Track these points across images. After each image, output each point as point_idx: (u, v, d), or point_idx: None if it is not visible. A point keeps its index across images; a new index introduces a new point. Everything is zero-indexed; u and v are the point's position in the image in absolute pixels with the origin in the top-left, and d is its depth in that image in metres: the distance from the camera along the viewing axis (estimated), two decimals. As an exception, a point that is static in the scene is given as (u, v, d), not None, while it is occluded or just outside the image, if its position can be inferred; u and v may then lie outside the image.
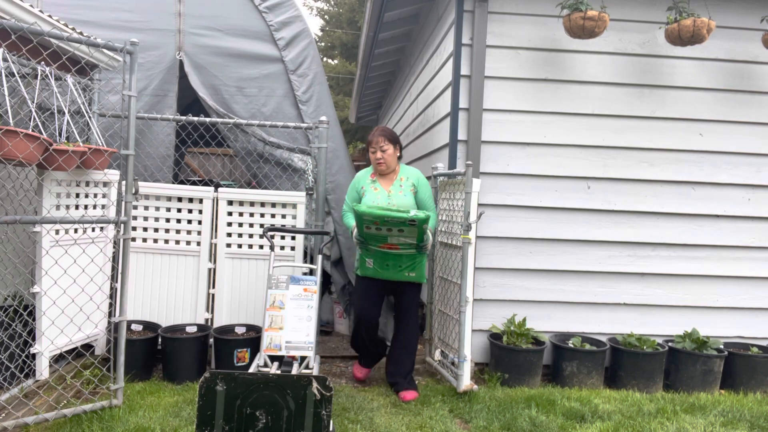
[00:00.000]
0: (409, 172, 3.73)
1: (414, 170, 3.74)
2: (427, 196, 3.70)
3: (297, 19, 4.72)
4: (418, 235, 3.33)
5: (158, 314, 4.11)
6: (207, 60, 4.63)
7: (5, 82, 2.83)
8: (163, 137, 4.65)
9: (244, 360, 3.74)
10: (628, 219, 4.20)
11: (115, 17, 4.52)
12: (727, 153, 4.22)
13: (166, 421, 3.04)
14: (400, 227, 3.29)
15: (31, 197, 3.56)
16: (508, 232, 4.15)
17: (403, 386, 3.63)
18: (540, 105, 4.11)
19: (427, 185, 3.72)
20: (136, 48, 3.06)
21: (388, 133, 3.66)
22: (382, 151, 3.62)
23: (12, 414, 2.93)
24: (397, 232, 3.33)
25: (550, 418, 3.33)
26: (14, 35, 2.69)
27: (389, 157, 3.64)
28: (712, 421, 3.38)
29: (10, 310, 3.45)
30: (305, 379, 2.26)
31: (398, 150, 3.70)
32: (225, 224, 4.14)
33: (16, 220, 2.70)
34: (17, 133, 2.65)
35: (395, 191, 3.65)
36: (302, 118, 4.68)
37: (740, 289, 4.28)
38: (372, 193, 3.66)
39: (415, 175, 3.72)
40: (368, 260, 3.64)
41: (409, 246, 3.43)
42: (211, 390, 2.25)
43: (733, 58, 4.19)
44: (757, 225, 4.26)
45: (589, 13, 3.64)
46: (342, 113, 15.17)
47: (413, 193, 3.67)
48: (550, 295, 4.20)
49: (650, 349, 3.95)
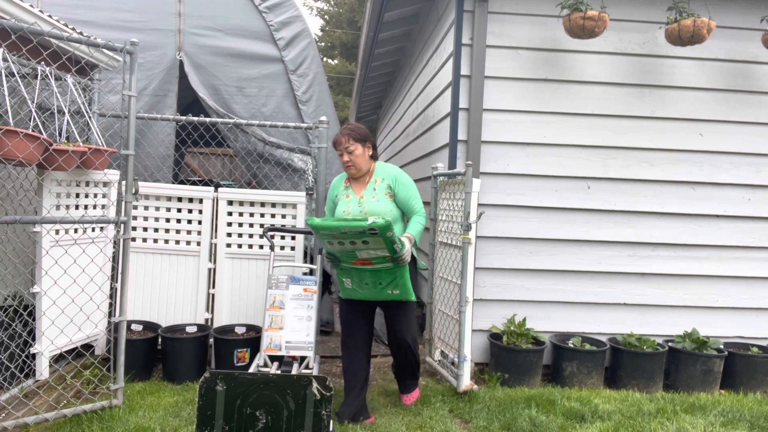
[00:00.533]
0: (385, 171, 3.28)
1: (391, 168, 3.30)
2: (410, 196, 3.25)
3: (297, 19, 4.73)
4: (386, 245, 2.87)
5: (158, 314, 4.11)
6: (207, 60, 4.63)
7: (5, 82, 2.83)
8: (163, 137, 4.65)
9: (244, 360, 3.74)
10: (628, 219, 4.20)
11: (115, 17, 4.53)
12: (727, 153, 4.22)
13: (166, 421, 3.04)
14: (362, 238, 2.85)
15: (31, 197, 3.56)
16: (508, 232, 4.14)
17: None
18: (540, 105, 4.11)
19: (407, 184, 3.27)
20: (136, 48, 3.06)
21: (354, 131, 3.21)
22: (348, 152, 3.19)
23: (12, 414, 2.93)
24: (362, 245, 2.89)
25: (550, 418, 3.33)
26: (14, 35, 2.69)
27: (358, 158, 3.20)
28: (712, 421, 3.38)
29: (10, 310, 3.45)
30: (305, 379, 2.26)
31: (370, 148, 3.26)
32: (225, 224, 4.14)
33: (16, 220, 2.70)
34: (17, 133, 2.65)
35: (368, 196, 3.23)
36: (302, 118, 4.68)
37: (740, 289, 4.28)
38: (344, 201, 3.27)
39: (392, 174, 3.26)
40: (345, 280, 3.18)
41: (384, 259, 2.96)
42: (211, 390, 2.25)
43: (733, 58, 4.19)
44: (757, 225, 4.26)
45: (589, 13, 3.64)
46: (342, 113, 15.18)
47: (389, 196, 3.23)
48: (550, 295, 4.20)
49: (650, 349, 3.95)
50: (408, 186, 3.26)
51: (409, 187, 3.26)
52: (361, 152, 3.21)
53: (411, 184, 3.29)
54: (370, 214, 3.13)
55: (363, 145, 3.22)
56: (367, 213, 3.16)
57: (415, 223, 3.24)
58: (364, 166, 3.25)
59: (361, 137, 3.21)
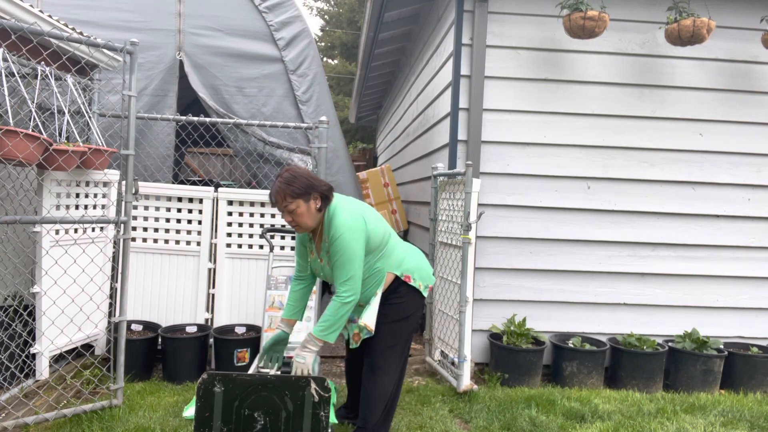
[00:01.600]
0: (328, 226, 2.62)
1: (334, 221, 2.58)
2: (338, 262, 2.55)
3: (297, 19, 4.73)
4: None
5: (158, 314, 4.11)
6: (207, 60, 4.63)
7: (5, 82, 2.83)
8: (163, 137, 4.65)
9: (244, 360, 3.74)
10: (628, 219, 4.20)
11: (115, 17, 4.53)
12: (727, 153, 4.22)
13: (166, 421, 3.04)
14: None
15: (31, 197, 3.56)
16: (508, 232, 4.14)
17: None
18: (540, 105, 4.11)
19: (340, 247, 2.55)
20: (136, 48, 3.06)
21: (291, 185, 2.53)
22: (288, 212, 2.56)
23: (12, 414, 2.93)
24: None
25: (550, 418, 3.33)
26: (14, 35, 2.69)
27: (302, 217, 2.56)
28: (712, 421, 3.38)
29: (10, 310, 3.45)
30: (303, 380, 2.26)
31: (317, 199, 2.58)
32: (225, 224, 4.14)
33: (16, 220, 2.70)
34: (17, 133, 2.65)
35: (325, 257, 2.69)
36: (302, 118, 4.68)
37: (740, 289, 4.28)
38: (313, 258, 2.79)
39: (331, 236, 2.59)
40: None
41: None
42: (209, 391, 2.25)
43: (733, 58, 4.18)
44: (757, 225, 4.26)
45: (589, 13, 3.64)
46: (342, 113, 15.17)
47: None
48: (550, 295, 4.20)
49: (650, 349, 3.95)
50: (339, 250, 2.55)
51: (340, 251, 2.55)
52: (304, 209, 2.55)
53: (346, 245, 2.54)
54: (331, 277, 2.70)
55: (306, 200, 2.55)
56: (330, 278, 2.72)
57: (332, 305, 2.55)
58: (311, 222, 2.60)
59: (302, 190, 2.53)
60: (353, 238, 2.56)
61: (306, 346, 2.54)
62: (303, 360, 2.52)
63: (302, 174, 2.58)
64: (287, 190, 2.53)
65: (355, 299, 2.57)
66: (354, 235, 2.57)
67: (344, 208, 2.64)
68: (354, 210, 2.65)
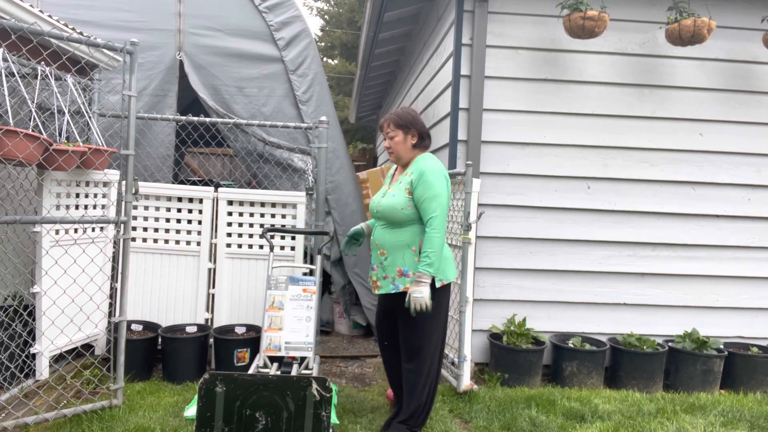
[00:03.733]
0: (417, 165, 2.93)
1: (424, 163, 2.91)
2: (425, 196, 2.81)
3: (297, 19, 4.72)
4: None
5: (158, 314, 4.11)
6: (207, 60, 4.62)
7: (5, 82, 2.83)
8: (163, 137, 4.65)
9: (244, 360, 3.74)
10: (628, 219, 4.20)
11: (115, 17, 4.52)
12: (727, 153, 4.22)
13: (166, 421, 3.04)
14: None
15: (31, 197, 3.56)
16: (508, 232, 4.14)
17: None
18: (540, 105, 4.11)
19: (429, 182, 2.83)
20: (136, 48, 3.06)
21: (399, 117, 2.96)
22: (389, 138, 2.98)
23: (12, 414, 2.93)
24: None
25: (550, 418, 3.33)
26: (14, 35, 2.69)
27: (398, 145, 2.96)
28: (712, 421, 3.38)
29: (10, 310, 3.45)
30: (305, 380, 2.26)
31: (414, 137, 2.96)
32: (225, 224, 4.14)
33: (16, 220, 2.70)
34: (17, 133, 2.65)
35: (393, 190, 2.98)
36: (302, 118, 4.68)
37: (740, 289, 4.28)
38: (380, 192, 3.12)
39: (420, 168, 2.88)
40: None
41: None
42: (210, 391, 2.25)
43: (733, 58, 4.19)
44: (757, 225, 4.26)
45: (589, 13, 3.64)
46: (342, 113, 15.16)
47: (407, 192, 2.89)
48: (550, 295, 4.20)
49: (650, 349, 3.95)
50: (429, 184, 2.81)
51: (429, 186, 2.81)
52: (401, 139, 2.95)
53: (436, 182, 2.82)
54: (384, 208, 2.93)
55: (406, 133, 2.95)
56: (381, 207, 2.95)
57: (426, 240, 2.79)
58: (405, 155, 2.98)
59: (405, 124, 2.94)
60: (442, 177, 2.88)
61: (419, 281, 2.74)
62: (420, 294, 2.72)
63: (411, 113, 3.01)
64: (394, 119, 2.97)
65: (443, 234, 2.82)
66: (441, 178, 2.88)
67: (437, 161, 2.98)
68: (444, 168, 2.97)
